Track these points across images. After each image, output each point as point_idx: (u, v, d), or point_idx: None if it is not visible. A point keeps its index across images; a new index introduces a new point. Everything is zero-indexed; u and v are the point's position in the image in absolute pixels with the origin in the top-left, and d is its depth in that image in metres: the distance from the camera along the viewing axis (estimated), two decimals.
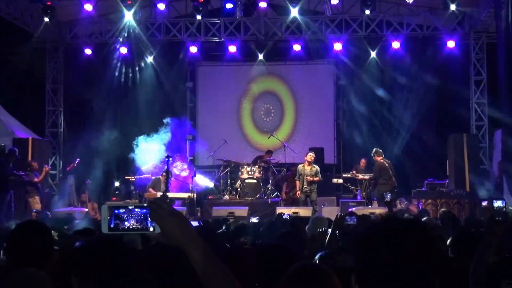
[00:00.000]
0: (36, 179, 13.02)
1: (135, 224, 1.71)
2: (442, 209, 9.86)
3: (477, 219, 7.99)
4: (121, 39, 15.68)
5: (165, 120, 14.92)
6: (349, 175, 14.53)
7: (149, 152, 14.45)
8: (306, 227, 5.99)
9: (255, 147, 17.44)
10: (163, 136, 14.61)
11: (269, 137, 16.26)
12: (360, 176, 14.13)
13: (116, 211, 1.72)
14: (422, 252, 1.53)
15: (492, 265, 2.87)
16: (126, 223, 1.71)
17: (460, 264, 3.51)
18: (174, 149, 14.65)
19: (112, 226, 1.71)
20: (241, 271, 2.77)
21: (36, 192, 12.95)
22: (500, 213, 3.03)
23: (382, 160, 13.07)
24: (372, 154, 13.35)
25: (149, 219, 1.69)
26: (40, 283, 2.51)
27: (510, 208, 9.20)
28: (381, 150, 13.28)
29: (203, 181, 14.72)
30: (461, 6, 14.27)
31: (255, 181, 14.19)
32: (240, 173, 14.41)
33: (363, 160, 14.70)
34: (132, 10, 14.91)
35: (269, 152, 15.60)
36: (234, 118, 17.73)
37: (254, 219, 8.74)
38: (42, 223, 3.32)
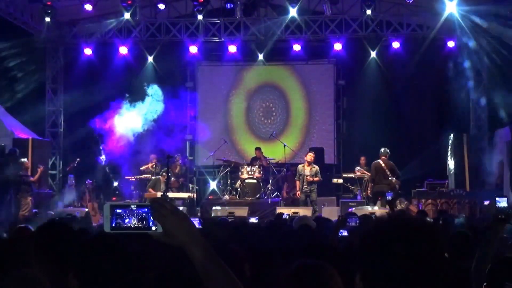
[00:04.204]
0: (32, 178, 13.00)
1: (136, 223, 1.70)
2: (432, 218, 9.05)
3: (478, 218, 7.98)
4: (121, 39, 15.67)
5: (147, 88, 14.28)
6: (350, 175, 14.53)
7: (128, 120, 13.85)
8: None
9: (250, 148, 17.30)
10: (150, 107, 13.91)
11: (269, 137, 16.26)
12: (361, 172, 14.18)
13: (117, 210, 1.70)
14: (432, 253, 1.50)
15: (494, 266, 2.86)
16: (127, 222, 1.71)
17: (460, 264, 3.50)
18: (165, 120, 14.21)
19: (113, 225, 1.70)
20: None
21: (29, 192, 12.87)
22: (503, 211, 3.03)
23: (378, 160, 12.89)
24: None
25: (151, 218, 1.68)
26: (36, 284, 2.50)
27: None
28: (383, 151, 13.00)
29: None
30: (460, 6, 14.25)
31: (255, 181, 14.17)
32: (240, 173, 14.39)
33: (362, 158, 14.71)
34: (132, 10, 14.91)
35: (258, 149, 15.49)
36: (234, 118, 17.69)
37: (253, 219, 8.69)
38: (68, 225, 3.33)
